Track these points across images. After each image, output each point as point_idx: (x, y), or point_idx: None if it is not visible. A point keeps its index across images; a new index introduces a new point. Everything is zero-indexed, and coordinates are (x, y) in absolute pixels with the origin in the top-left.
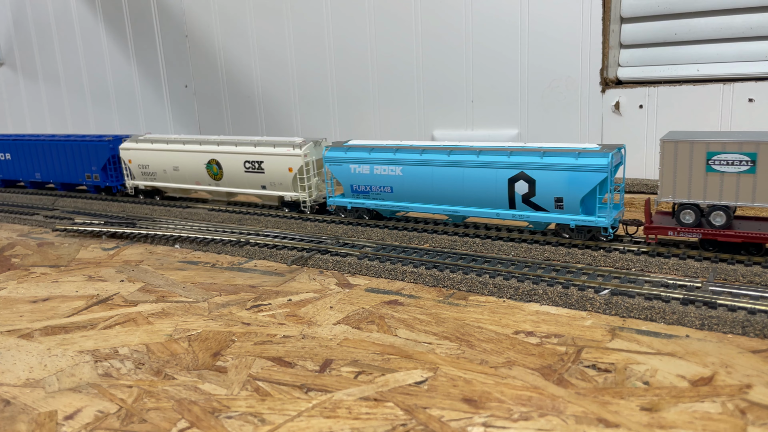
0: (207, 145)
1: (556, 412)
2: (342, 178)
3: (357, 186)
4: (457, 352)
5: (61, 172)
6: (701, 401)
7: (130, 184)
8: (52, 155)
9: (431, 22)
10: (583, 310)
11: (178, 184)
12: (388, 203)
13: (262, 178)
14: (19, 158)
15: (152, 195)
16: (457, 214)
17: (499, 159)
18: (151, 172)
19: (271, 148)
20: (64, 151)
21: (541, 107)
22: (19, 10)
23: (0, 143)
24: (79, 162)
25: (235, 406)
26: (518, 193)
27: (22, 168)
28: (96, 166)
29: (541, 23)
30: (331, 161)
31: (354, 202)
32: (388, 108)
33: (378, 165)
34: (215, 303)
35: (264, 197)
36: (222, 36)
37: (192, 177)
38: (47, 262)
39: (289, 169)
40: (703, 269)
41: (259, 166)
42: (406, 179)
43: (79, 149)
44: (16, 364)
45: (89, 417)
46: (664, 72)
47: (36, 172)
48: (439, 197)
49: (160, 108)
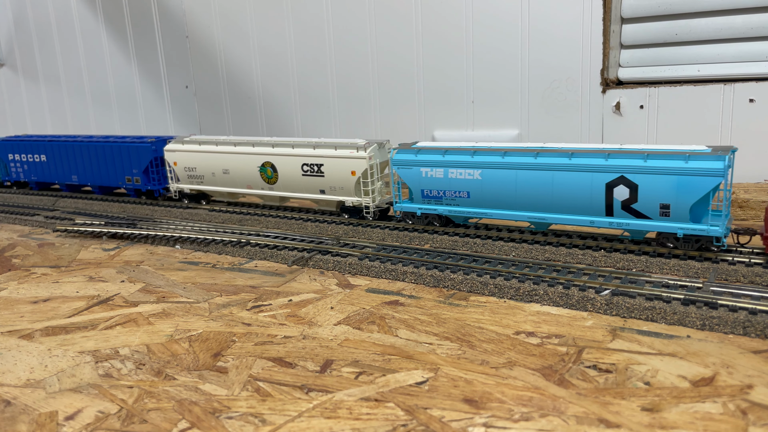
0: (261, 147)
1: (557, 412)
2: (411, 183)
3: (428, 191)
4: (457, 352)
5: (100, 175)
6: (702, 402)
7: (174, 188)
8: (90, 157)
9: (432, 22)
10: (584, 311)
11: (227, 188)
12: (464, 209)
13: (321, 182)
14: (55, 160)
15: (197, 199)
16: (542, 221)
17: (596, 162)
18: (198, 176)
19: (332, 150)
20: (103, 153)
21: (541, 108)
22: (19, 10)
23: (35, 144)
24: (119, 164)
25: (235, 407)
26: (617, 199)
27: (57, 170)
28: (137, 168)
29: (542, 24)
30: (400, 164)
31: (424, 208)
32: (389, 108)
33: (453, 168)
34: (216, 303)
35: (321, 202)
36: (223, 36)
37: (243, 180)
38: (48, 263)
39: (351, 172)
40: (704, 269)
41: (318, 169)
42: (486, 183)
43: (119, 151)
44: (17, 364)
45: (90, 417)
46: (664, 72)
47: (73, 174)
48: (522, 203)
49: (160, 108)
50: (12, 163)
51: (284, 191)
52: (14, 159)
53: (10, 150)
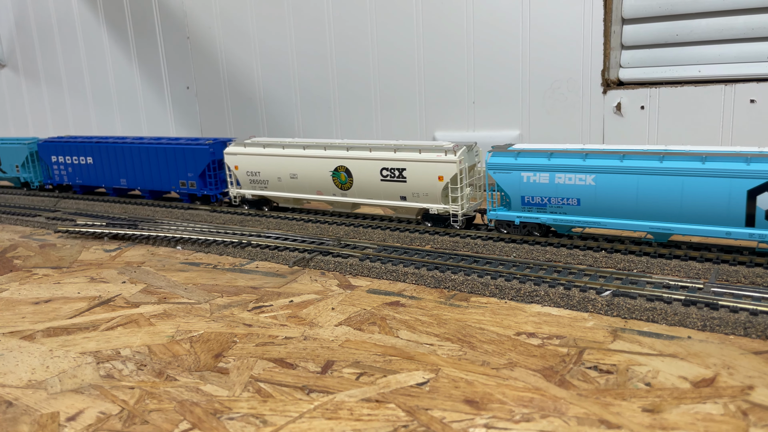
0: (334, 150)
1: (557, 413)
2: (510, 188)
3: (530, 197)
4: (458, 353)
5: (151, 179)
6: (703, 402)
7: (234, 193)
8: (141, 160)
9: (433, 22)
10: (585, 312)
11: (294, 194)
12: (572, 218)
13: (402, 188)
14: (102, 163)
15: (259, 205)
16: (665, 231)
17: (735, 166)
18: (261, 180)
19: (416, 153)
20: (155, 155)
21: (542, 108)
22: (21, 12)
23: (81, 146)
24: (173, 168)
25: (236, 408)
26: (761, 208)
27: (105, 173)
28: (193, 172)
29: (543, 24)
30: (497, 168)
31: (525, 216)
32: (390, 109)
33: (561, 173)
34: (217, 304)
35: (401, 209)
36: (223, 37)
37: (313, 186)
38: (49, 264)
39: (438, 177)
40: (705, 270)
41: (400, 174)
42: (600, 190)
43: (173, 154)
44: (19, 365)
45: (91, 418)
46: (665, 73)
47: (121, 178)
48: (642, 211)
49: (161, 109)
50: (55, 165)
51: (359, 198)
52: (57, 161)
53: (53, 151)
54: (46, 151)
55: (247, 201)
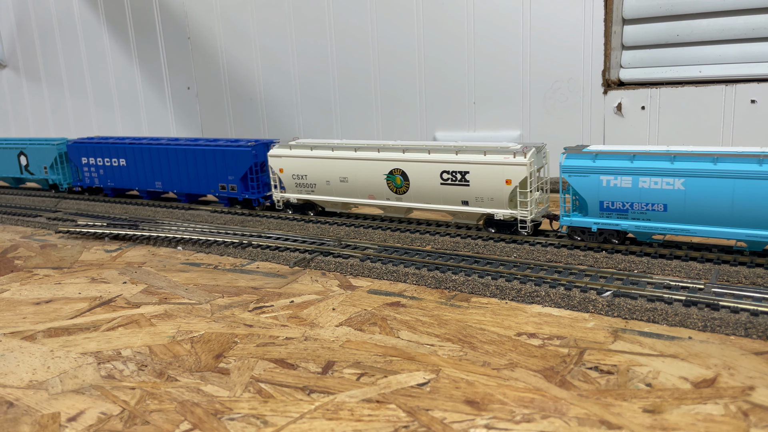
0: (389, 152)
1: (558, 413)
2: (587, 193)
3: (610, 203)
4: (459, 353)
5: (189, 182)
6: (704, 403)
7: (278, 197)
8: (177, 162)
9: (434, 23)
10: (586, 312)
11: (344, 198)
12: (657, 225)
13: (464, 192)
14: (136, 165)
15: (304, 210)
16: (764, 240)
17: None
18: (308, 184)
19: (480, 155)
20: (194, 157)
21: (542, 109)
22: (22, 12)
23: (114, 147)
24: (212, 170)
25: (237, 408)
26: None
27: (139, 176)
28: (234, 175)
29: (543, 25)
30: (573, 171)
31: (603, 223)
32: (391, 109)
33: (646, 176)
34: (218, 305)
35: (461, 215)
36: (224, 38)
37: (364, 190)
38: (50, 264)
39: (506, 181)
40: (706, 271)
41: (462, 178)
42: (690, 195)
43: (213, 156)
44: (20, 365)
45: (92, 419)
46: (666, 73)
47: (156, 180)
48: (738, 218)
49: (162, 110)
50: (85, 167)
51: (415, 202)
52: (88, 163)
53: (84, 153)
54: (76, 152)
55: (292, 205)
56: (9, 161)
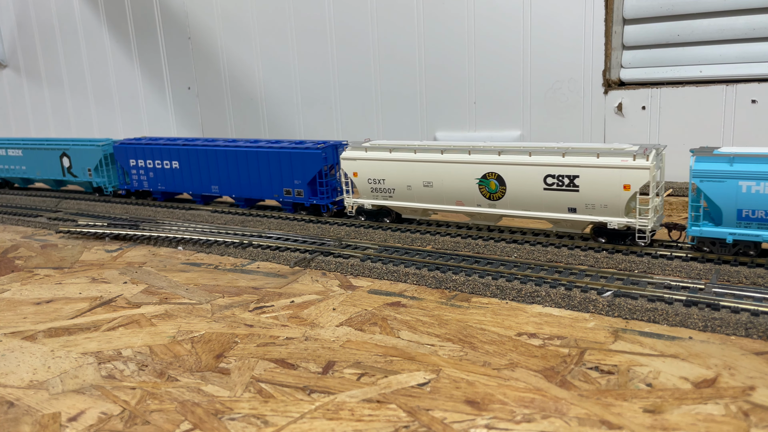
0: (481, 154)
1: (558, 413)
2: (722, 200)
3: (750, 211)
4: (459, 353)
5: (249, 186)
6: (704, 403)
7: (350, 203)
8: (237, 165)
9: (434, 23)
10: (586, 312)
11: (427, 204)
12: None
13: (572, 198)
14: (191, 167)
15: (379, 217)
16: None
17: None
18: (386, 189)
19: (592, 158)
20: (256, 160)
21: (543, 109)
22: (22, 12)
23: (166, 149)
24: (276, 174)
25: (238, 408)
26: None
27: (194, 179)
28: (301, 179)
29: (544, 25)
30: (706, 176)
31: (741, 234)
32: (391, 109)
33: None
34: (218, 305)
35: (566, 223)
36: (225, 38)
37: (451, 195)
38: (51, 264)
39: (624, 186)
40: (706, 271)
41: (570, 182)
42: None
43: (277, 159)
44: (20, 365)
45: (93, 419)
46: (666, 73)
47: (213, 184)
48: None
49: (162, 110)
50: (133, 169)
51: (512, 209)
52: (137, 165)
53: (132, 155)
54: (123, 153)
55: (365, 211)
56: (51, 163)
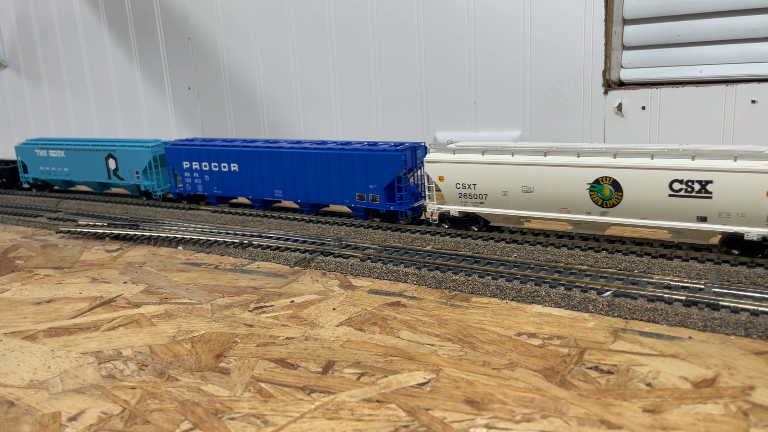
0: (593, 157)
1: (558, 413)
2: None
3: None
4: (459, 353)
5: (317, 191)
6: (704, 403)
7: (433, 209)
8: (305, 168)
9: (434, 22)
10: (586, 312)
11: (525, 212)
12: None
13: (703, 206)
14: (252, 171)
15: (465, 224)
16: None
17: None
18: (477, 194)
19: (728, 161)
20: (326, 163)
21: (543, 109)
22: (22, 12)
23: (224, 151)
24: (349, 178)
25: (238, 408)
26: None
27: (255, 183)
28: (377, 183)
29: (544, 25)
30: None
31: None
32: (391, 109)
33: None
34: (218, 305)
35: (692, 233)
36: (225, 38)
37: (556, 202)
38: (51, 264)
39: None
40: (706, 271)
41: (702, 188)
42: None
43: (351, 162)
44: (20, 365)
45: (93, 418)
46: (666, 73)
47: (276, 189)
48: None
49: (163, 110)
50: (186, 172)
51: (629, 218)
52: (190, 168)
53: (186, 157)
54: (175, 155)
55: (449, 219)
56: (95, 164)
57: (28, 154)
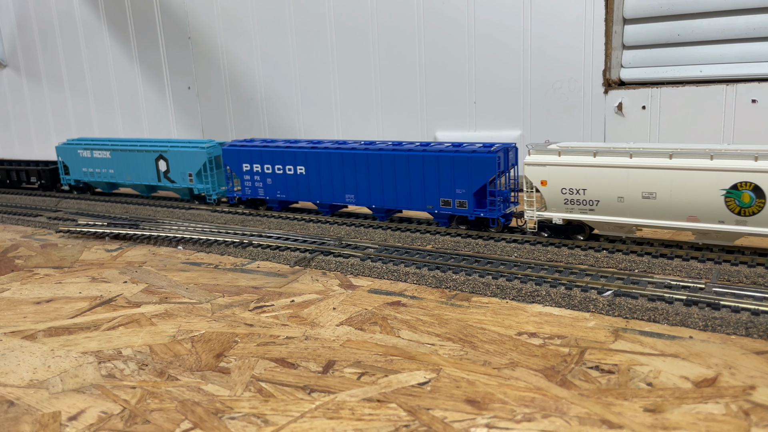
0: (730, 159)
1: (559, 413)
2: None
3: None
4: (460, 353)
5: (395, 196)
6: (705, 402)
7: (532, 216)
8: (381, 171)
9: (434, 22)
10: (586, 312)
11: (643, 220)
12: None
13: None
14: (321, 173)
15: (567, 233)
16: None
17: None
18: (586, 200)
19: None
20: (406, 165)
21: (543, 108)
22: (22, 12)
23: (289, 153)
24: (432, 182)
25: (238, 407)
26: None
27: (323, 187)
28: (465, 188)
29: (544, 24)
30: None
31: None
32: (391, 109)
33: None
34: (218, 304)
35: None
36: (225, 37)
37: (682, 209)
38: (51, 264)
39: None
40: (707, 270)
41: None
42: None
43: (435, 163)
44: (20, 365)
45: (93, 418)
46: (666, 73)
47: (348, 193)
48: None
49: (163, 110)
50: (246, 175)
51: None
52: (251, 170)
53: (247, 159)
54: (234, 157)
55: (551, 227)
56: (144, 166)
57: (71, 155)
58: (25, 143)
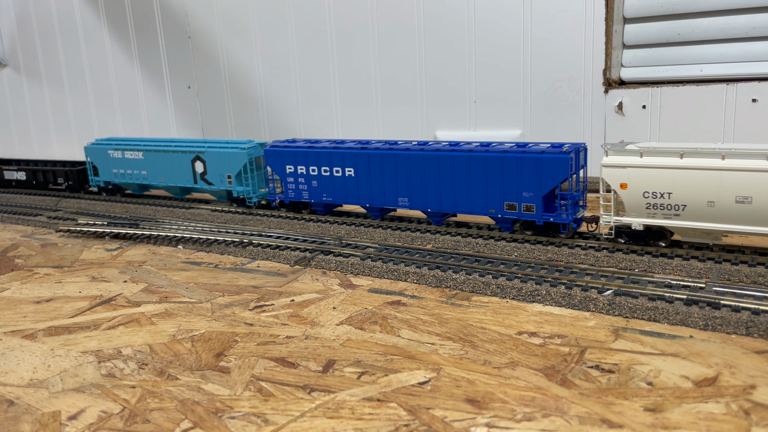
0: None
1: (559, 412)
2: None
3: None
4: (460, 352)
5: (453, 199)
6: (705, 402)
7: (609, 221)
8: (438, 173)
9: (434, 22)
10: (587, 311)
11: (736, 226)
12: None
13: None
14: (372, 176)
15: (647, 239)
16: None
17: None
18: (671, 205)
19: None
20: (466, 167)
21: (543, 108)
22: (22, 11)
23: (337, 154)
24: (496, 185)
25: (238, 407)
26: None
27: (374, 189)
28: (533, 191)
29: (544, 23)
30: None
31: None
32: (391, 108)
33: None
34: (218, 303)
35: None
36: (225, 37)
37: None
38: (50, 263)
39: None
40: (707, 270)
41: None
42: None
43: (500, 164)
44: (20, 364)
45: (93, 417)
46: (667, 72)
47: (401, 196)
48: None
49: (163, 109)
50: (290, 177)
51: None
52: (294, 172)
53: (290, 160)
54: (277, 158)
55: (629, 233)
56: (180, 167)
57: (100, 156)
58: (24, 143)
